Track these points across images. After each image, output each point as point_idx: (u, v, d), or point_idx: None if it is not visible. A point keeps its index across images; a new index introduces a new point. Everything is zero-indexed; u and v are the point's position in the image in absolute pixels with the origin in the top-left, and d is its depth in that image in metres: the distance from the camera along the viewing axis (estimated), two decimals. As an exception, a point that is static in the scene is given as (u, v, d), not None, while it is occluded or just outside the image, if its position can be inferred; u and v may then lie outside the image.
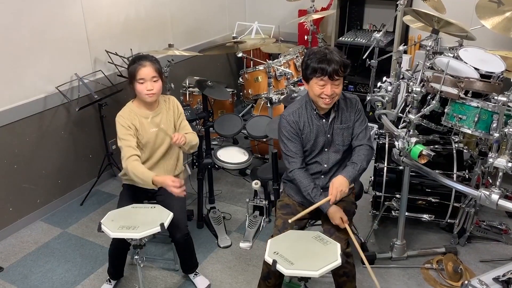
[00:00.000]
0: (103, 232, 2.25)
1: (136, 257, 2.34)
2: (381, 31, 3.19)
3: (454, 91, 2.43)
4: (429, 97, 2.61)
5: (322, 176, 2.47)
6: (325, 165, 2.44)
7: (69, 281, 2.86)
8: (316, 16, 4.32)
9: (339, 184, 2.27)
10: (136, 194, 2.67)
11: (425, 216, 3.07)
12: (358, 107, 2.44)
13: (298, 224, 2.44)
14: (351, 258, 2.34)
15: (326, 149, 2.43)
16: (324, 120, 2.39)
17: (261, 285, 2.43)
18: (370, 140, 2.44)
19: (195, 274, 2.80)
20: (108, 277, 2.77)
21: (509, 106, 2.28)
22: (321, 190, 2.40)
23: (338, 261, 1.98)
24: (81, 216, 3.51)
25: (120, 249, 2.61)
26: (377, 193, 3.10)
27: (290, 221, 2.32)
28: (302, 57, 4.11)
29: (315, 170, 2.46)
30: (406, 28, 4.54)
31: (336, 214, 2.31)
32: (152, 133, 2.61)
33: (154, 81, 2.51)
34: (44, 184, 3.48)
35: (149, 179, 2.41)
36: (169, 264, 2.96)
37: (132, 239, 2.25)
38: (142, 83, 2.50)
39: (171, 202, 2.53)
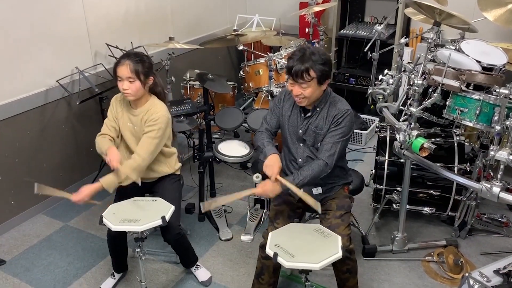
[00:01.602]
0: (104, 225, 2.26)
1: (138, 250, 2.35)
2: (382, 23, 3.18)
3: (455, 83, 2.42)
4: (430, 90, 2.61)
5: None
6: (300, 160, 2.42)
7: (71, 274, 2.88)
8: (317, 9, 4.30)
9: (269, 189, 2.24)
10: (133, 189, 2.67)
11: (426, 209, 3.07)
12: (338, 120, 2.28)
13: (293, 215, 2.45)
14: (353, 255, 2.34)
15: (301, 144, 2.40)
16: (302, 115, 2.38)
17: (255, 284, 2.44)
18: (332, 158, 2.27)
19: (196, 267, 2.81)
20: (112, 271, 2.78)
21: (511, 99, 2.27)
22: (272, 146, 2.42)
23: (339, 254, 1.99)
24: (82, 209, 3.51)
25: (116, 238, 2.58)
26: (378, 186, 3.10)
27: (203, 206, 2.36)
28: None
29: (293, 165, 2.46)
30: (407, 21, 4.52)
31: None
32: (127, 126, 2.59)
33: (130, 81, 2.45)
34: (46, 177, 3.48)
35: (104, 149, 2.50)
36: (170, 257, 2.98)
37: (133, 232, 2.26)
38: (119, 81, 2.48)
39: (165, 199, 2.51)
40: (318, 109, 2.33)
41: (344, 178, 2.52)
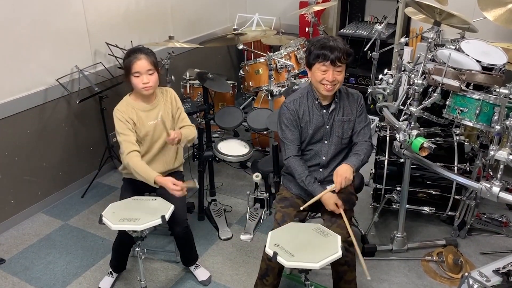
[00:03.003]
0: (104, 224, 2.26)
1: (137, 249, 2.35)
2: (382, 23, 3.18)
3: (455, 83, 2.42)
4: (430, 90, 2.61)
5: (321, 169, 2.46)
6: (324, 158, 2.44)
7: (71, 273, 2.88)
8: (317, 8, 4.30)
9: (344, 171, 2.29)
10: (138, 187, 2.67)
11: (426, 209, 3.07)
12: (360, 103, 2.45)
13: (299, 216, 2.44)
14: (352, 247, 2.33)
15: (326, 141, 2.43)
16: (324, 111, 2.40)
17: (258, 284, 2.42)
18: (371, 138, 2.48)
19: (195, 266, 2.81)
20: (110, 270, 2.78)
21: (510, 99, 2.27)
22: (317, 181, 2.42)
23: (338, 253, 1.99)
24: (82, 208, 3.52)
25: (125, 245, 2.61)
26: (378, 186, 3.10)
27: (302, 208, 2.36)
28: (305, 47, 4.12)
29: (314, 162, 2.46)
30: (407, 20, 4.52)
31: (330, 200, 2.32)
32: (150, 126, 2.59)
33: (150, 74, 2.49)
34: (45, 176, 3.49)
35: (151, 179, 2.40)
36: (170, 256, 2.98)
37: (133, 231, 2.26)
38: (137, 76, 2.48)
39: (171, 195, 2.52)
40: (336, 99, 2.41)
41: None
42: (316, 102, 2.40)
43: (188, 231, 2.63)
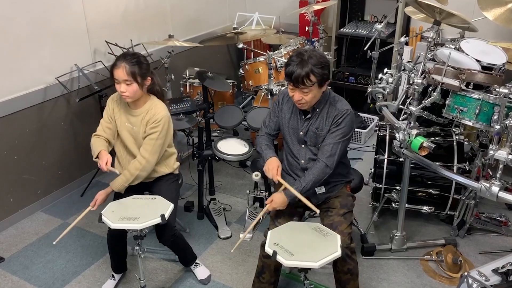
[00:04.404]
0: (103, 223, 2.26)
1: (137, 248, 2.34)
2: (382, 22, 3.18)
3: (455, 83, 2.42)
4: (430, 89, 2.61)
5: (304, 172, 2.44)
6: (302, 161, 2.42)
7: (70, 272, 2.88)
8: (317, 7, 4.29)
9: (276, 204, 2.30)
10: (135, 187, 2.66)
11: (425, 208, 3.07)
12: (338, 121, 2.28)
13: (296, 215, 2.45)
14: (354, 255, 2.32)
15: (302, 145, 2.41)
16: (302, 116, 2.38)
17: (255, 283, 2.43)
18: (333, 159, 2.28)
19: (195, 265, 2.82)
20: (112, 273, 2.76)
21: (510, 98, 2.27)
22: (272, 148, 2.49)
23: (338, 253, 1.99)
24: (81, 207, 3.50)
25: (116, 237, 2.58)
26: (377, 185, 3.10)
27: (232, 251, 2.38)
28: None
29: (295, 165, 2.46)
30: (407, 19, 4.52)
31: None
32: (126, 127, 2.58)
33: (127, 84, 2.43)
34: (45, 175, 3.48)
35: (96, 153, 2.54)
36: (169, 255, 2.97)
37: (132, 230, 2.26)
38: (117, 83, 2.47)
39: (169, 196, 2.51)
40: (317, 110, 2.33)
41: (346, 176, 2.53)
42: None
43: (176, 238, 2.59)
